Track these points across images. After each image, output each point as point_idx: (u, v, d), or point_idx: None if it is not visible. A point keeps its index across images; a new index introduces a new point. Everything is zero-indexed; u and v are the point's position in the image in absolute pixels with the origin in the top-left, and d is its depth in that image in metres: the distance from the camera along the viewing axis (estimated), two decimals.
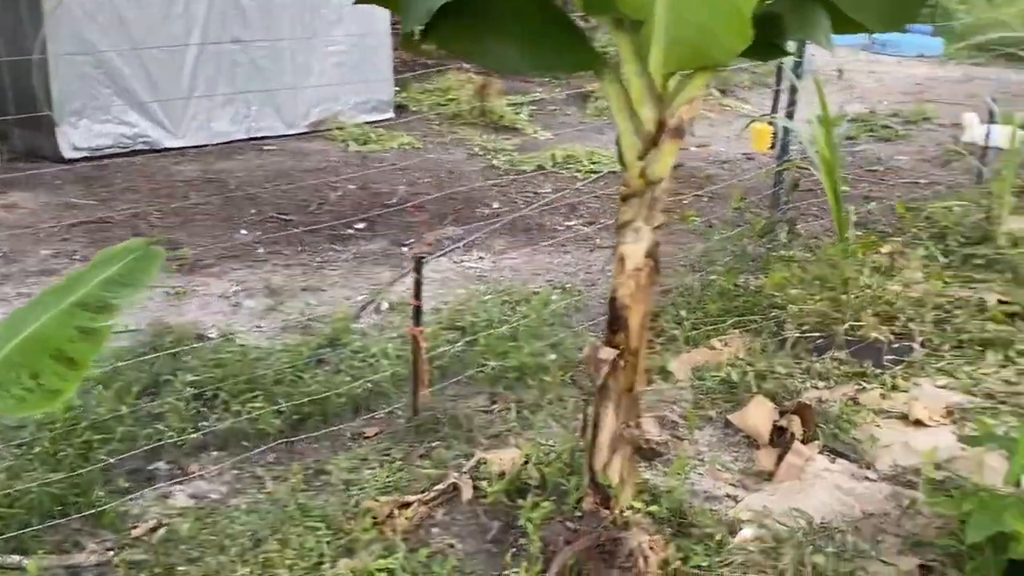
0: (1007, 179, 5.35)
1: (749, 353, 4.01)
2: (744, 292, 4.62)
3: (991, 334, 4.15)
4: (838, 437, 3.40)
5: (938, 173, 7.00)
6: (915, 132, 8.50)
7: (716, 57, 2.34)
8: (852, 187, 6.88)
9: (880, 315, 4.33)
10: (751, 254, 5.13)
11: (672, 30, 2.30)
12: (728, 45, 2.24)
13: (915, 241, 5.40)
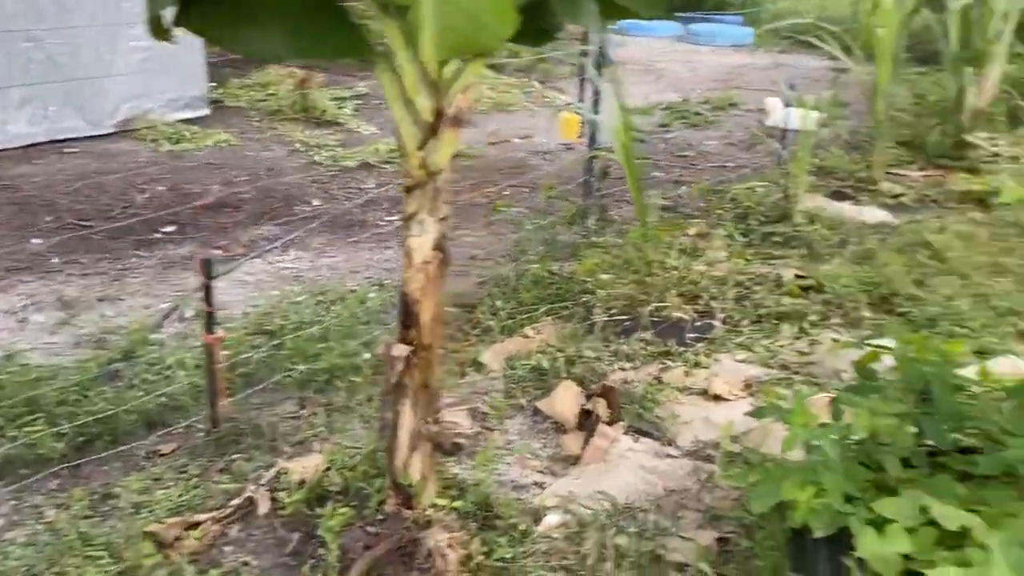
0: (802, 160, 5.62)
1: (560, 339, 4.05)
2: (558, 279, 4.65)
3: (787, 308, 4.35)
4: (642, 416, 3.47)
5: (744, 156, 7.31)
6: (724, 118, 8.85)
7: (485, 43, 2.30)
8: (665, 172, 7.12)
9: (685, 295, 4.46)
10: (565, 242, 5.18)
11: (440, 16, 2.25)
12: (495, 31, 2.21)
13: (720, 222, 5.61)
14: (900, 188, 6.18)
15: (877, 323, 4.24)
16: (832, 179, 6.49)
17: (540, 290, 4.55)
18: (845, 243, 5.16)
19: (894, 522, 2.19)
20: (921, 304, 4.34)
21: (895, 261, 4.75)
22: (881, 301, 4.43)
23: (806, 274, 4.70)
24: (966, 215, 5.69)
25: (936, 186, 6.31)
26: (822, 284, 4.55)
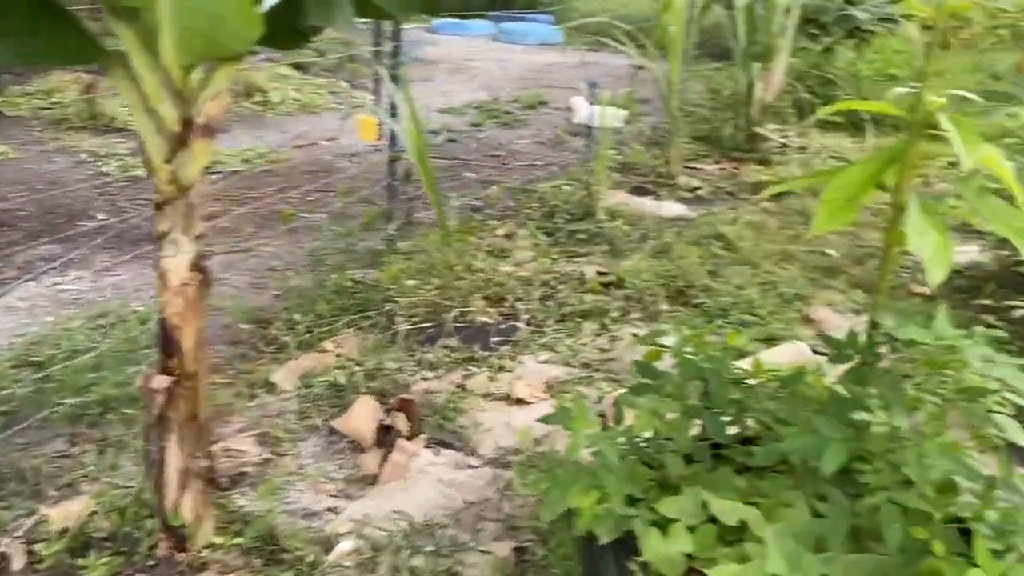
0: (603, 157, 5.69)
1: (361, 352, 3.90)
2: (360, 288, 4.50)
3: (589, 305, 4.37)
4: (444, 427, 3.38)
5: (552, 154, 7.37)
6: (534, 116, 8.92)
7: (231, 46, 2.14)
8: (475, 172, 7.08)
9: (490, 298, 4.41)
10: (369, 248, 5.03)
11: (180, 18, 2.07)
12: (240, 33, 2.05)
13: (528, 221, 5.61)
14: (697, 182, 6.38)
15: (674, 315, 4.32)
16: (634, 175, 6.63)
17: (341, 300, 4.38)
18: (645, 238, 5.26)
19: (677, 521, 2.18)
20: (715, 295, 4.46)
21: (691, 254, 4.88)
22: (678, 294, 4.53)
23: (608, 270, 4.74)
24: (758, 205, 5.93)
25: (730, 178, 6.56)
26: (623, 280, 4.60)
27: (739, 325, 4.21)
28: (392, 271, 4.51)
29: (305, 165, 7.17)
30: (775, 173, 6.55)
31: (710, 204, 6.06)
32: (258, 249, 5.42)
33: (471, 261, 4.76)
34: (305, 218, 5.81)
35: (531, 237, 5.25)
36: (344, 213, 5.97)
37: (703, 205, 6.03)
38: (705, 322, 4.24)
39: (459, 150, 7.65)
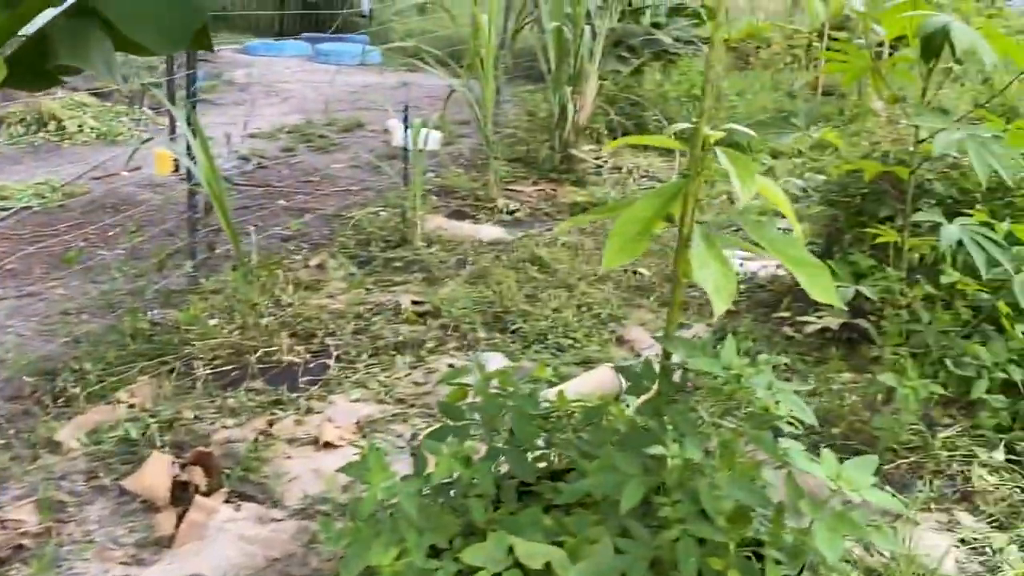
0: (417, 181, 5.61)
1: (156, 401, 3.65)
2: (158, 331, 4.23)
3: (404, 336, 4.27)
4: (247, 479, 3.19)
5: (369, 179, 7.22)
6: (350, 140, 8.74)
7: None
8: (288, 200, 6.84)
9: (298, 334, 4.24)
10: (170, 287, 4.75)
11: None
12: None
13: (342, 250, 5.45)
14: (515, 204, 6.40)
15: (492, 342, 4.29)
16: (453, 198, 6.59)
17: (136, 346, 4.09)
18: (463, 263, 5.21)
19: (482, 570, 2.11)
20: (532, 319, 4.45)
21: (508, 278, 4.86)
22: (495, 320, 4.50)
23: (424, 299, 4.66)
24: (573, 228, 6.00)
25: (548, 199, 6.63)
26: (439, 308, 4.53)
27: (556, 350, 4.22)
28: (192, 311, 4.26)
29: (105, 198, 6.73)
30: (591, 193, 6.66)
31: (528, 226, 6.09)
32: (49, 292, 5.01)
33: (280, 296, 4.57)
34: (102, 256, 5.45)
35: (345, 267, 5.10)
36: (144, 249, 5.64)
37: (521, 227, 6.05)
38: (522, 348, 4.23)
39: (271, 176, 7.38)
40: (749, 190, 2.09)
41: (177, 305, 4.52)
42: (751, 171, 2.12)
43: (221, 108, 9.52)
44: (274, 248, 5.59)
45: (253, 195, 6.89)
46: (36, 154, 7.69)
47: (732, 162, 2.12)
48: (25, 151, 7.73)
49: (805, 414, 2.11)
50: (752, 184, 2.10)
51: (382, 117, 9.04)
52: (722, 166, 2.13)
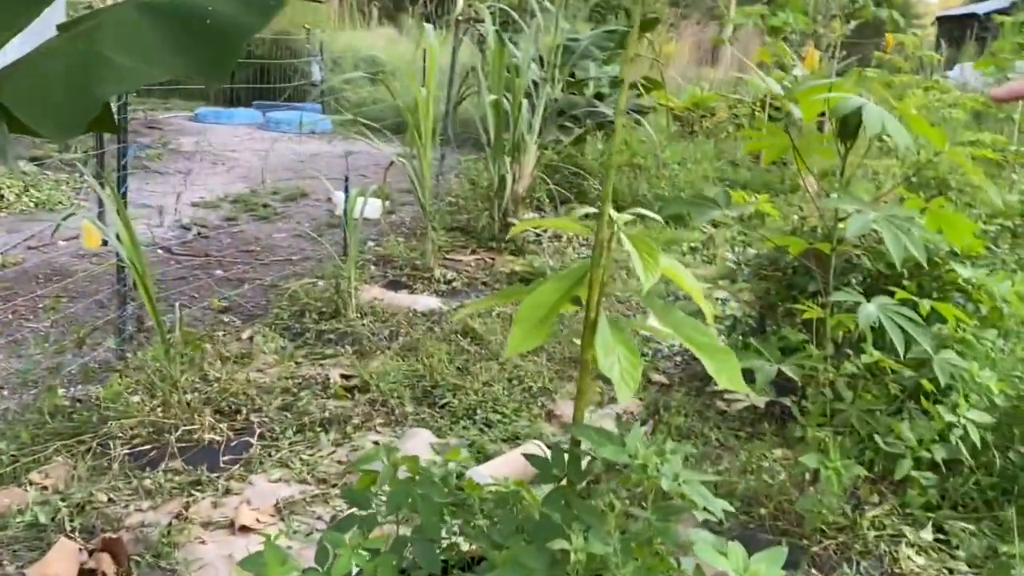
0: (352, 252, 5.57)
1: (69, 483, 3.51)
2: (78, 408, 4.10)
3: (331, 412, 4.19)
4: (158, 565, 3.06)
5: (311, 248, 7.18)
6: (294, 209, 8.71)
7: None
8: (226, 270, 6.76)
9: (222, 411, 4.13)
10: (96, 361, 4.63)
11: None
12: None
13: (276, 322, 5.38)
14: (452, 273, 6.38)
15: (419, 417, 4.22)
16: (391, 268, 6.56)
17: (54, 424, 3.95)
18: (395, 335, 5.15)
19: None
20: (462, 393, 4.40)
21: (440, 350, 4.81)
22: (424, 395, 4.43)
23: (353, 373, 4.59)
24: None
25: (485, 268, 6.63)
26: (368, 382, 4.46)
27: (484, 425, 4.16)
28: (113, 387, 4.14)
29: (38, 268, 6.59)
30: (529, 263, 6.67)
31: (464, 296, 6.07)
32: None
33: (207, 370, 4.47)
34: (30, 328, 5.32)
35: (276, 340, 5.02)
36: (74, 322, 5.52)
37: (457, 297, 6.02)
38: (451, 424, 4.17)
39: (212, 246, 7.30)
40: (651, 275, 2.08)
41: (101, 381, 4.40)
42: (654, 255, 2.12)
43: (165, 177, 9.47)
44: (208, 320, 5.50)
45: (192, 265, 6.80)
46: None
47: (635, 246, 2.12)
48: None
49: (713, 505, 2.08)
50: (655, 269, 2.09)
51: (324, 187, 9.04)
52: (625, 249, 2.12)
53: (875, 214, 2.86)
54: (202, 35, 1.93)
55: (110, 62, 2.03)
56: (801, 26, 10.73)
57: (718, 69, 23.18)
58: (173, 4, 2.09)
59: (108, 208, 3.96)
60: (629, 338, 2.16)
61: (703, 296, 2.31)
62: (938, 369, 3.07)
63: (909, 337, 2.96)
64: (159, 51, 2.00)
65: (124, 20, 2.08)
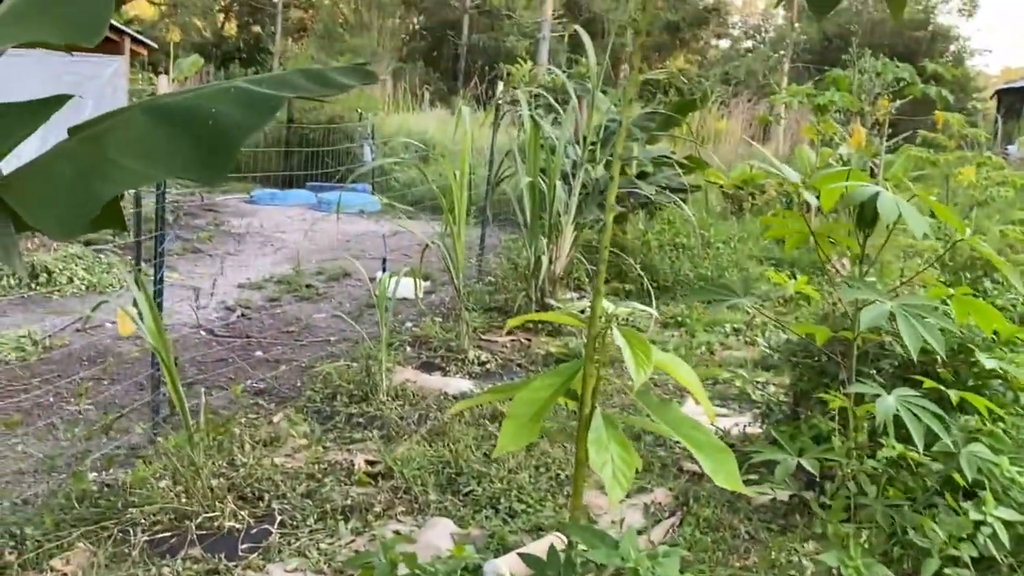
0: (383, 332, 5.60)
1: (89, 570, 3.52)
2: (104, 494, 4.14)
3: (353, 499, 4.16)
4: None
5: (350, 329, 7.24)
6: (337, 288, 8.83)
7: None
8: (265, 351, 6.84)
9: (246, 497, 4.13)
10: (127, 445, 4.69)
11: None
12: None
13: (309, 404, 5.40)
14: (487, 355, 6.37)
15: (442, 505, 4.16)
16: (425, 349, 6.58)
17: (81, 509, 4.00)
18: (424, 419, 5.13)
19: None
20: (486, 481, 4.34)
21: (467, 435, 4.77)
22: (449, 481, 4.39)
23: (377, 459, 4.57)
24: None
25: (521, 350, 6.60)
26: (392, 469, 4.43)
27: (507, 515, 4.09)
28: (140, 473, 4.17)
29: (84, 351, 6.75)
30: (565, 344, 6.63)
31: (498, 378, 6.04)
32: (9, 449, 4.96)
33: (236, 454, 4.48)
34: (70, 411, 5.42)
35: (307, 423, 5.03)
36: (113, 403, 5.62)
37: (491, 380, 5.99)
38: (473, 513, 4.11)
39: (252, 327, 7.41)
40: (643, 372, 2.05)
41: (132, 464, 4.44)
42: (647, 351, 2.09)
43: (214, 258, 9.69)
44: (242, 403, 5.55)
45: (233, 347, 6.90)
46: (25, 307, 7.76)
47: (627, 342, 2.09)
48: (15, 304, 7.81)
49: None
50: (647, 365, 2.06)
51: (370, 266, 9.16)
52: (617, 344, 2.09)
53: (891, 304, 2.78)
54: (204, 136, 1.99)
55: (115, 164, 2.10)
56: (847, 104, 10.70)
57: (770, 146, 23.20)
58: (178, 107, 2.16)
59: (137, 296, 4.04)
60: (624, 435, 2.11)
61: (703, 391, 2.26)
62: (965, 463, 2.94)
63: (930, 431, 2.85)
64: (162, 152, 2.07)
65: (130, 123, 2.15)
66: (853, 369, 3.20)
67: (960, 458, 2.98)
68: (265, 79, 2.28)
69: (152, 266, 5.11)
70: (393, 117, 21.09)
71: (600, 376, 2.25)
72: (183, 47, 29.58)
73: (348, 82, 2.29)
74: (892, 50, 24.46)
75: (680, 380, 2.23)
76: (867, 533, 3.08)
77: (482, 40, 33.90)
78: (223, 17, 38.59)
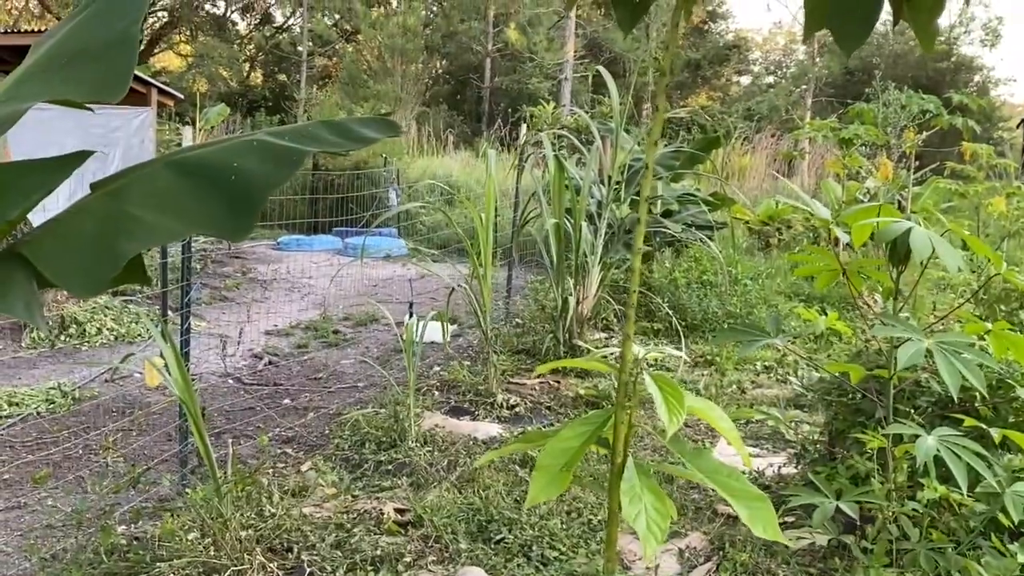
0: (411, 378, 5.57)
1: None
2: (135, 547, 4.11)
3: (383, 549, 4.10)
4: None
5: (377, 375, 7.22)
6: (364, 334, 8.83)
7: None
8: (293, 398, 6.83)
9: (275, 549, 4.08)
10: (159, 496, 4.67)
11: None
12: None
13: (337, 452, 5.37)
14: (516, 398, 6.31)
15: (473, 554, 4.09)
16: (454, 393, 6.53)
17: (110, 563, 3.97)
18: (453, 466, 5.07)
19: None
20: (518, 528, 4.27)
21: (497, 481, 4.71)
22: (479, 530, 4.31)
23: (406, 507, 4.51)
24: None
25: (550, 392, 6.54)
26: (422, 517, 4.37)
27: (540, 563, 4.01)
28: (168, 525, 4.14)
29: (114, 402, 6.77)
30: (595, 385, 6.57)
31: (527, 422, 5.97)
32: (40, 503, 4.96)
33: (265, 505, 4.45)
34: (98, 463, 5.42)
35: (335, 471, 4.99)
36: (144, 455, 5.62)
37: (520, 424, 5.93)
38: (505, 561, 4.03)
39: (280, 374, 7.41)
40: (676, 421, 2.00)
41: (161, 518, 4.42)
42: (679, 398, 2.04)
43: (241, 306, 9.74)
44: (271, 452, 5.52)
45: (261, 395, 6.90)
46: (55, 358, 7.82)
47: (659, 389, 2.04)
48: (44, 355, 7.87)
49: None
50: (679, 413, 2.01)
51: (397, 310, 9.17)
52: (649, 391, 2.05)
53: (928, 341, 2.72)
54: (226, 192, 1.98)
55: (137, 219, 2.10)
56: (872, 138, 10.64)
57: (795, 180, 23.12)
58: (200, 161, 2.16)
59: (163, 347, 4.04)
60: (657, 484, 2.06)
61: (738, 436, 2.20)
62: (1010, 503, 2.85)
63: (972, 471, 2.77)
64: (184, 208, 2.06)
65: (152, 178, 2.15)
66: (891, 408, 3.12)
67: (1004, 497, 2.88)
68: (287, 131, 2.28)
69: (179, 315, 5.13)
70: (418, 161, 21.26)
71: (631, 423, 2.21)
72: (210, 96, 30.14)
73: (371, 134, 2.28)
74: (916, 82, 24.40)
75: (715, 426, 2.18)
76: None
77: (504, 83, 34.24)
78: (249, 67, 39.30)
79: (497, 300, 9.88)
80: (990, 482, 2.75)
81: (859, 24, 1.62)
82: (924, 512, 3.01)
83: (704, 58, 38.72)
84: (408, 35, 31.12)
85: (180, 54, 39.94)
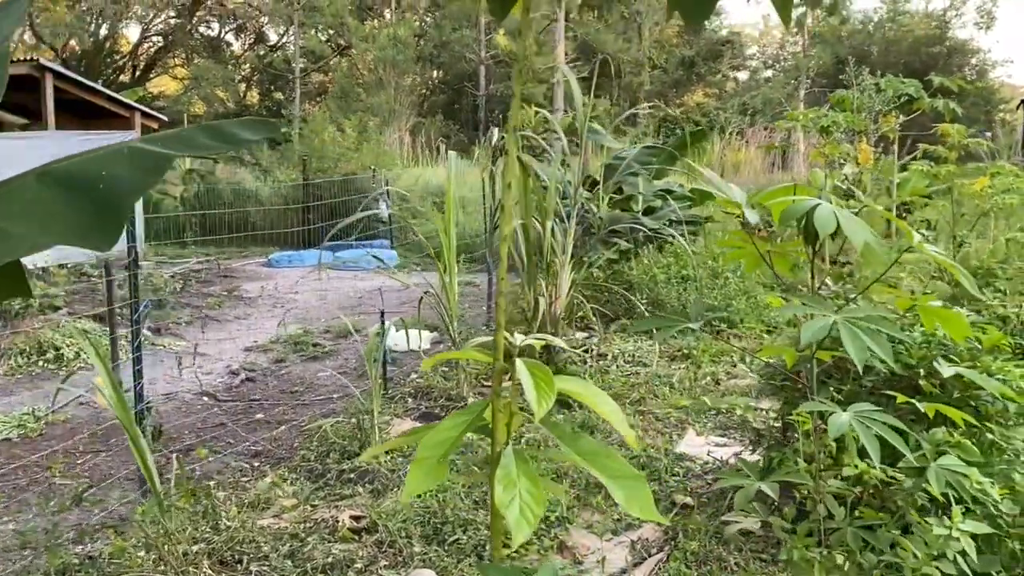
0: (375, 386, 5.56)
1: None
2: (87, 566, 4.10)
3: (335, 557, 4.08)
4: None
5: (353, 385, 7.20)
6: (344, 346, 8.83)
7: None
8: (267, 412, 6.83)
9: (225, 561, 4.07)
10: (115, 516, 4.67)
11: None
12: None
13: (303, 463, 5.36)
14: None
15: (426, 556, 4.07)
16: (427, 400, 6.51)
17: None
18: None
19: None
20: (472, 528, 4.24)
21: (457, 483, 4.68)
22: (435, 531, 4.29)
23: (364, 513, 4.49)
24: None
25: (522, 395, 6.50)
26: (376, 523, 4.35)
27: (491, 562, 3.98)
28: (120, 543, 4.14)
29: (84, 425, 6.79)
30: None
31: None
32: (2, 527, 4.97)
33: (223, 518, 4.44)
34: (66, 485, 5.43)
35: (297, 482, 4.98)
36: (106, 476, 5.62)
37: None
38: (456, 562, 4.01)
39: (256, 389, 7.41)
40: (544, 404, 1.98)
41: (119, 536, 4.41)
42: (549, 382, 2.02)
43: (223, 324, 9.76)
44: (237, 466, 5.52)
45: (235, 410, 6.90)
46: (32, 383, 7.84)
47: (530, 374, 2.03)
48: (21, 381, 7.90)
49: None
50: (548, 397, 1.99)
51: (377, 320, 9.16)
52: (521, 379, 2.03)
53: (835, 317, 2.69)
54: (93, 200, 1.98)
55: (3, 232, 2.10)
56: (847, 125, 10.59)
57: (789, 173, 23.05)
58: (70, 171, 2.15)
59: (97, 367, 4.04)
60: (533, 472, 2.04)
61: (622, 419, 2.19)
62: (932, 477, 2.81)
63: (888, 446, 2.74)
64: (49, 218, 2.06)
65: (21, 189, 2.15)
66: (814, 388, 3.09)
67: (928, 472, 2.85)
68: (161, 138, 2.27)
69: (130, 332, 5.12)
70: (411, 171, 21.33)
71: (514, 411, 2.19)
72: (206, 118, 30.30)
73: (250, 136, 2.27)
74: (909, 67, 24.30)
75: (592, 406, 2.16)
76: (843, 557, 2.95)
77: (500, 89, 34.31)
78: (244, 87, 39.50)
79: (479, 305, 9.89)
80: (909, 457, 2.71)
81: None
82: (846, 489, 2.97)
83: (698, 55, 38.68)
84: (399, 47, 31.26)
85: (176, 77, 40.20)
